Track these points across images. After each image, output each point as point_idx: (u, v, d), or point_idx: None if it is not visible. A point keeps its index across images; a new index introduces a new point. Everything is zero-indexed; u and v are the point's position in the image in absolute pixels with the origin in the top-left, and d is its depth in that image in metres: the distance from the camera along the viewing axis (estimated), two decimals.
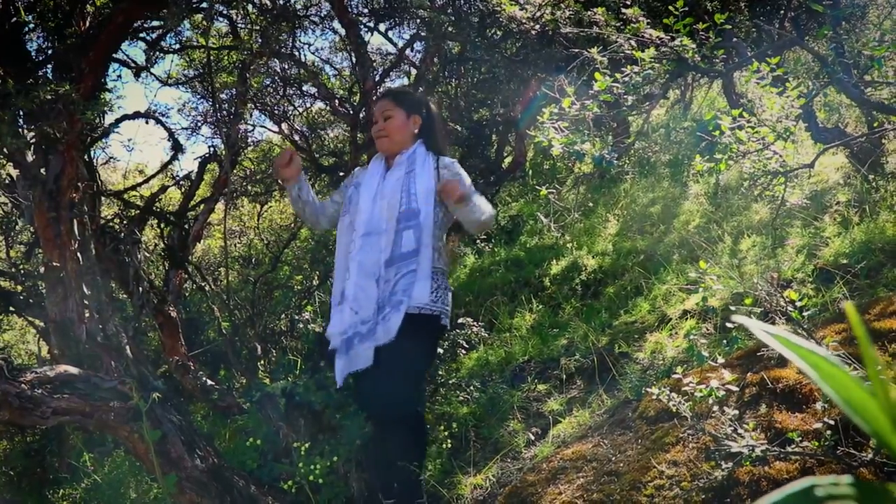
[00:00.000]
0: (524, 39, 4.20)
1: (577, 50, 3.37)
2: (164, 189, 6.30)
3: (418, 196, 3.12)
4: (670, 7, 3.13)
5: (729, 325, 3.01)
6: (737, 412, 2.81)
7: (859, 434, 2.42)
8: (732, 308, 3.34)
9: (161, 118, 5.86)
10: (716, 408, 2.69)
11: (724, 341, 3.82)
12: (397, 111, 3.29)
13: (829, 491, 0.47)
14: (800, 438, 2.48)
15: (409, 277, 3.05)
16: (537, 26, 3.59)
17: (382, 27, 7.03)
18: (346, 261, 3.17)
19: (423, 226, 3.09)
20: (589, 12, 3.44)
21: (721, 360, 2.84)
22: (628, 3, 3.36)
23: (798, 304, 2.45)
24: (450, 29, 4.93)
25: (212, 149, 6.28)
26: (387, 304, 3.05)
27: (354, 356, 3.04)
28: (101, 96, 4.20)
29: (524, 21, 3.58)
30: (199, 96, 7.36)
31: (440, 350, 4.80)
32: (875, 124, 5.12)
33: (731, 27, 3.67)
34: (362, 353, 3.02)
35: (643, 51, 3.05)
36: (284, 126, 7.94)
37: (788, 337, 0.54)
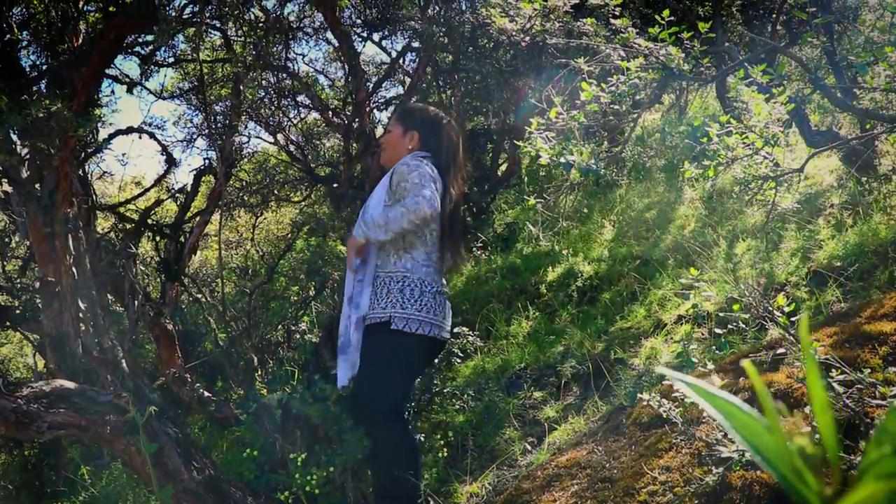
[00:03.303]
0: (515, 50, 4.23)
1: (565, 60, 3.39)
2: (159, 202, 6.32)
3: (369, 207, 3.21)
4: (656, 16, 3.16)
5: (718, 330, 3.02)
6: None
7: (849, 438, 2.44)
8: (721, 314, 3.36)
9: (154, 132, 5.90)
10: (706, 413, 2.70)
11: (716, 347, 3.84)
12: (396, 127, 3.40)
13: None
14: None
15: (357, 287, 3.21)
16: (527, 38, 3.62)
17: (376, 37, 7.08)
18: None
19: None
20: (578, 23, 3.47)
21: (711, 365, 2.86)
22: (617, 13, 3.39)
23: (786, 309, 2.47)
24: (442, 40, 4.96)
25: (207, 161, 6.31)
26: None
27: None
28: (94, 112, 4.23)
29: (514, 33, 3.61)
30: (193, 109, 7.39)
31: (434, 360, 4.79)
32: (867, 126, 5.15)
33: (716, 35, 3.69)
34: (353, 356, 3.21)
35: (630, 61, 3.07)
36: (280, 137, 7.97)
37: (705, 387, 0.57)
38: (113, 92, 11.76)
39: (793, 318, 2.47)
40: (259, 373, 5.93)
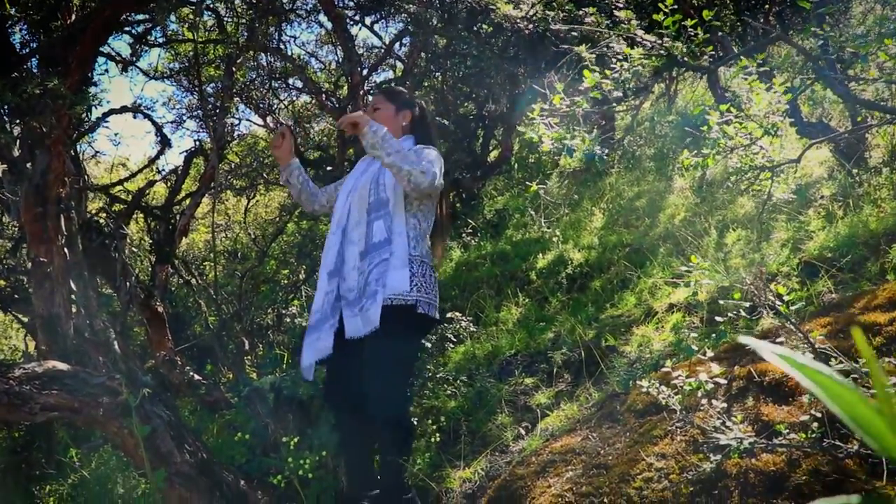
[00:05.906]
0: (515, 36, 4.20)
1: (567, 47, 3.39)
2: (150, 184, 6.27)
3: (387, 185, 3.10)
4: (660, 5, 3.15)
5: (718, 318, 3.03)
6: (725, 405, 2.84)
7: (845, 426, 2.46)
8: (720, 301, 3.37)
9: (148, 112, 5.84)
10: (704, 401, 2.72)
11: (713, 334, 3.85)
12: (386, 105, 3.33)
13: None
14: (787, 431, 2.51)
15: (381, 266, 3.02)
16: (530, 25, 3.59)
17: (368, 20, 7.03)
18: (325, 257, 3.22)
19: (392, 214, 3.08)
20: (580, 12, 3.46)
21: (710, 353, 2.87)
22: (620, 5, 3.38)
23: (785, 298, 2.48)
24: (438, 24, 4.92)
25: (197, 143, 6.26)
26: (363, 295, 3.03)
27: (321, 342, 3.09)
28: (88, 90, 4.17)
29: (518, 20, 3.59)
30: (184, 90, 7.33)
31: (428, 344, 4.80)
32: (859, 119, 5.18)
33: (718, 24, 3.70)
34: (325, 338, 3.08)
35: (633, 48, 3.07)
36: (270, 119, 7.92)
37: (796, 357, 0.56)
38: (107, 71, 11.66)
39: (792, 307, 2.48)
40: (249, 356, 5.91)
